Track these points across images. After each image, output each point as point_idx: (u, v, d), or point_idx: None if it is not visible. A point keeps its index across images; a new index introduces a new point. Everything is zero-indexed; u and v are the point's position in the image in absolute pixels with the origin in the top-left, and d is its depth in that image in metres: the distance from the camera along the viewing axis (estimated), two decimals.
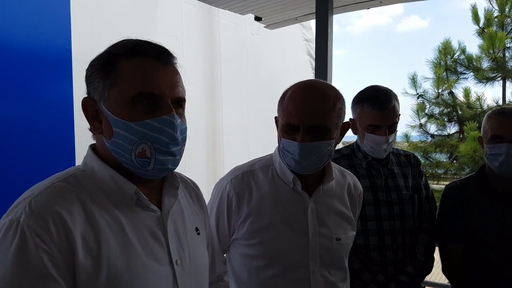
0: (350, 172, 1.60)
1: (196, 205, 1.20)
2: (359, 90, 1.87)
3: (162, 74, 0.94)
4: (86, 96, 0.98)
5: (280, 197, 1.40)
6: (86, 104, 0.96)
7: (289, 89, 1.37)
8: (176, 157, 0.97)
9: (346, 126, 1.43)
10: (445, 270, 1.91)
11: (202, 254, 1.12)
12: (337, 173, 1.50)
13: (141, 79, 0.92)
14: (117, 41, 0.98)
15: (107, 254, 0.88)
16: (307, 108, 1.29)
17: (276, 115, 1.41)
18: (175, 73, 0.98)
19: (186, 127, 0.99)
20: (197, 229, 1.12)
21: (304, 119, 1.28)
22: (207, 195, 1.31)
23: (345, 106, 1.37)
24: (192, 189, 1.22)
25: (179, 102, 0.98)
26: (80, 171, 0.97)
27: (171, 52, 0.99)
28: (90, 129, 0.99)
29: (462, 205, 1.86)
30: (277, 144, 1.42)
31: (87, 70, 0.97)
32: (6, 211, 0.87)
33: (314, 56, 3.10)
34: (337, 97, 1.33)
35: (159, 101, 0.93)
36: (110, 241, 0.89)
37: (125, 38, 0.98)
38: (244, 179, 1.42)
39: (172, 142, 0.94)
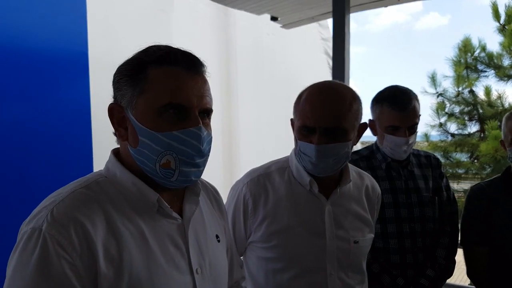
0: (368, 174, 1.57)
1: (216, 211, 1.18)
2: (377, 89, 1.84)
3: (191, 84, 0.92)
4: (112, 101, 0.97)
5: (297, 200, 1.38)
6: (112, 110, 0.95)
7: (304, 90, 1.36)
8: (200, 168, 0.96)
9: (364, 127, 1.41)
10: (469, 273, 1.88)
11: (222, 261, 1.11)
12: (354, 175, 1.48)
13: (171, 89, 0.90)
14: (146, 46, 0.96)
15: (129, 263, 0.87)
16: (323, 110, 1.27)
17: (292, 116, 1.39)
18: (204, 82, 0.96)
19: (211, 138, 0.98)
20: (217, 236, 1.11)
21: (320, 121, 1.27)
22: (223, 198, 1.30)
23: (361, 106, 1.35)
24: (212, 194, 1.21)
25: (206, 113, 0.96)
26: (102, 177, 0.96)
27: (201, 60, 0.97)
28: (115, 134, 0.98)
29: (487, 207, 1.81)
30: (294, 146, 1.41)
31: (115, 75, 0.96)
32: (27, 218, 0.87)
33: (331, 55, 3.07)
34: (354, 98, 1.31)
35: (187, 112, 0.91)
36: (132, 250, 0.88)
37: (155, 43, 0.96)
38: (260, 182, 1.41)
39: (197, 154, 0.92)
